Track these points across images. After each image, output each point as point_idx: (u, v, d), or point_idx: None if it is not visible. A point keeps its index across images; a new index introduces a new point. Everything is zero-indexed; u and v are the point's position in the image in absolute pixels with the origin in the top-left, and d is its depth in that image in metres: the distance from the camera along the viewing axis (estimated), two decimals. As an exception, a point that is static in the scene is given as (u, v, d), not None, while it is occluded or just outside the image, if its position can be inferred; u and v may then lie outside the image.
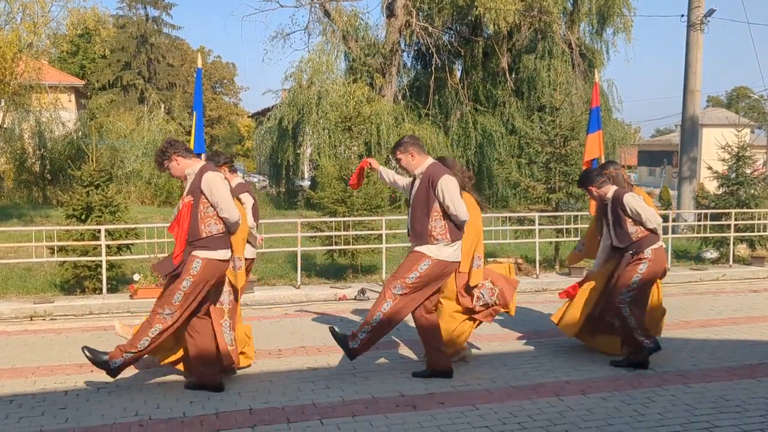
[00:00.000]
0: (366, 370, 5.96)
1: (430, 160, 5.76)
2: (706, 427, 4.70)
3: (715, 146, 13.59)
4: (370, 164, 6.17)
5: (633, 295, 5.96)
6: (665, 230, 12.00)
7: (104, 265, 8.86)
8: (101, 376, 5.80)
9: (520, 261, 11.27)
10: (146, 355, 5.43)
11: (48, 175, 26.99)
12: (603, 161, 10.11)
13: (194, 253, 5.21)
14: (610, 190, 6.12)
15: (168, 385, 5.55)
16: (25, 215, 19.63)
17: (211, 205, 5.24)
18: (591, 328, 6.43)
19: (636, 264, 5.97)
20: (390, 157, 6.11)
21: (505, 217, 12.49)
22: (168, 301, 5.20)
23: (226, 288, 5.60)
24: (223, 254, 5.33)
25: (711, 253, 12.65)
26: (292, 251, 10.79)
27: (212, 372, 5.43)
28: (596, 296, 6.33)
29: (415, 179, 5.80)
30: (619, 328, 6.08)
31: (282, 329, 7.58)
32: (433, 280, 5.62)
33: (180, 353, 5.60)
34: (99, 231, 8.94)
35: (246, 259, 6.15)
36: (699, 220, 12.92)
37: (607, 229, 6.25)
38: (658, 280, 6.44)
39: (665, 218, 11.96)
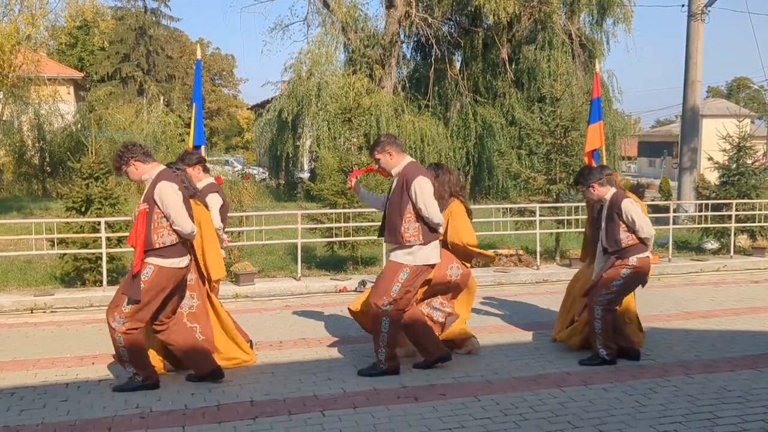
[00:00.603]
0: (368, 362, 5.93)
1: (407, 160, 5.67)
2: (708, 418, 4.69)
3: (715, 137, 13.56)
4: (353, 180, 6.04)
5: (610, 298, 5.88)
6: (666, 221, 12.00)
7: (104, 258, 8.84)
8: (102, 368, 5.81)
9: (520, 252, 11.27)
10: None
11: (47, 168, 26.96)
12: (604, 152, 10.08)
13: (147, 260, 5.12)
14: (609, 192, 6.00)
15: (169, 377, 5.54)
16: (25, 208, 19.60)
17: (164, 216, 5.14)
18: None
19: (619, 268, 5.88)
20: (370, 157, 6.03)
21: (506, 208, 12.47)
22: (118, 310, 5.11)
23: (188, 293, 5.55)
24: (178, 262, 5.21)
25: (712, 244, 12.64)
26: (292, 243, 10.77)
27: (208, 362, 5.43)
28: (578, 302, 6.36)
29: (393, 179, 5.72)
30: (588, 326, 6.03)
31: (282, 321, 7.58)
32: (417, 283, 5.61)
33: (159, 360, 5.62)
34: (99, 223, 8.92)
35: None
36: (700, 211, 12.91)
37: (599, 229, 6.16)
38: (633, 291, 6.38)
39: (665, 209, 11.94)
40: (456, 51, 28.63)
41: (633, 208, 5.84)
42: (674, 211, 12.09)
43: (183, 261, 5.27)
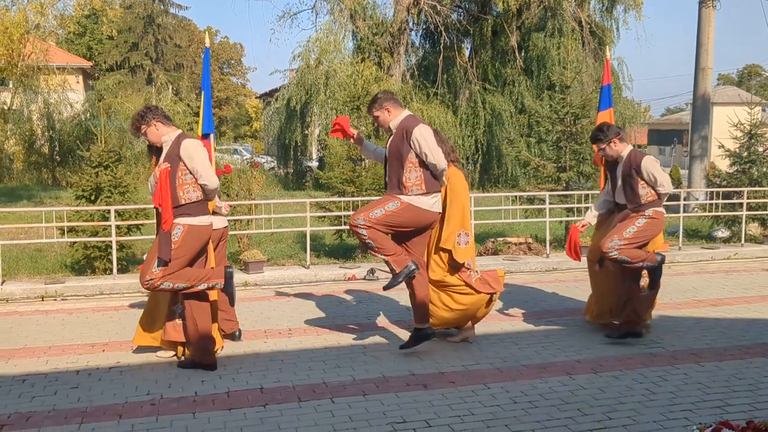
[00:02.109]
0: (377, 350, 5.95)
1: (405, 113, 5.66)
2: (719, 406, 4.67)
3: (726, 124, 13.45)
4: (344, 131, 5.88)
5: (622, 244, 5.80)
6: (677, 209, 11.94)
7: (114, 246, 8.86)
8: (113, 355, 5.84)
9: (530, 241, 11.23)
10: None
11: (57, 157, 27.07)
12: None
13: (175, 220, 5.19)
14: (626, 149, 6.00)
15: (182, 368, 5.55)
16: (35, 197, 19.70)
17: (189, 172, 5.21)
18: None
19: (635, 217, 5.89)
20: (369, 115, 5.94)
21: (515, 196, 12.43)
22: (149, 272, 5.17)
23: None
24: (205, 219, 5.32)
25: (722, 232, 12.56)
26: (301, 231, 10.78)
27: (208, 353, 5.45)
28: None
29: (391, 134, 5.68)
30: (617, 287, 6.02)
31: (292, 309, 7.59)
32: (402, 224, 5.48)
33: (159, 334, 5.64)
34: (109, 212, 8.94)
35: (215, 229, 5.91)
36: (710, 199, 12.82)
37: (613, 187, 6.15)
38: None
39: (676, 197, 11.87)
40: (465, 38, 28.49)
41: (653, 164, 5.86)
42: (684, 199, 12.01)
43: (208, 219, 5.37)
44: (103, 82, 33.44)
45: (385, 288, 5.71)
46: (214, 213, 5.98)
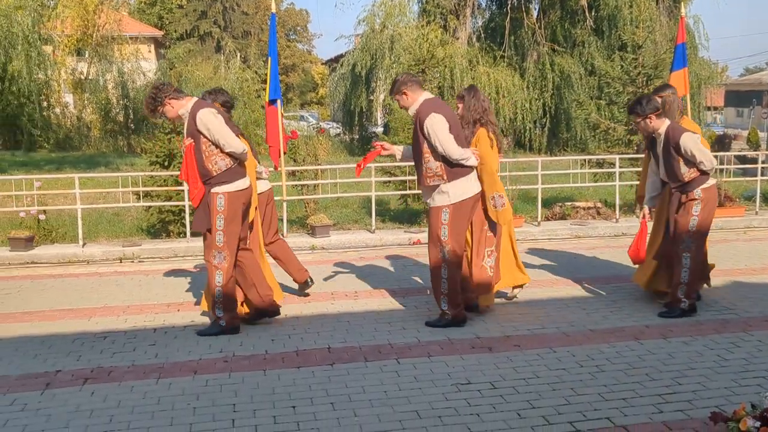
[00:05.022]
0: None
1: (422, 98, 5.48)
2: (795, 373, 4.55)
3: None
4: (383, 147, 5.86)
5: (694, 239, 5.67)
6: (754, 172, 11.49)
7: (187, 210, 9.12)
8: (188, 314, 6.07)
9: (599, 205, 11.02)
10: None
11: (132, 125, 27.86)
12: (688, 101, 9.66)
13: (213, 190, 5.28)
14: (663, 125, 5.73)
15: (250, 324, 5.73)
16: (112, 163, 20.35)
17: (213, 143, 5.26)
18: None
19: (689, 207, 5.67)
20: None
21: (584, 160, 12.18)
22: (214, 246, 5.33)
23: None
24: (242, 183, 5.40)
25: (803, 197, 12.04)
26: (366, 196, 10.85)
27: (269, 296, 5.61)
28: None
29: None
30: (674, 274, 5.83)
31: (358, 272, 7.69)
32: (463, 217, 5.47)
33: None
34: (181, 177, 9.19)
35: (260, 193, 6.09)
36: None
37: (655, 163, 5.95)
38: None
39: (754, 161, 11.41)
40: (533, -1, 27.80)
41: (692, 142, 5.58)
42: (763, 163, 11.52)
43: (246, 181, 5.47)
44: (174, 50, 34.11)
45: (428, 324, 5.66)
46: (258, 178, 6.08)
